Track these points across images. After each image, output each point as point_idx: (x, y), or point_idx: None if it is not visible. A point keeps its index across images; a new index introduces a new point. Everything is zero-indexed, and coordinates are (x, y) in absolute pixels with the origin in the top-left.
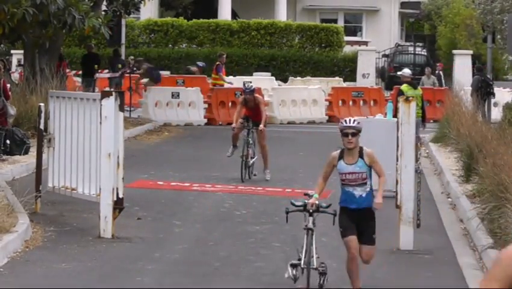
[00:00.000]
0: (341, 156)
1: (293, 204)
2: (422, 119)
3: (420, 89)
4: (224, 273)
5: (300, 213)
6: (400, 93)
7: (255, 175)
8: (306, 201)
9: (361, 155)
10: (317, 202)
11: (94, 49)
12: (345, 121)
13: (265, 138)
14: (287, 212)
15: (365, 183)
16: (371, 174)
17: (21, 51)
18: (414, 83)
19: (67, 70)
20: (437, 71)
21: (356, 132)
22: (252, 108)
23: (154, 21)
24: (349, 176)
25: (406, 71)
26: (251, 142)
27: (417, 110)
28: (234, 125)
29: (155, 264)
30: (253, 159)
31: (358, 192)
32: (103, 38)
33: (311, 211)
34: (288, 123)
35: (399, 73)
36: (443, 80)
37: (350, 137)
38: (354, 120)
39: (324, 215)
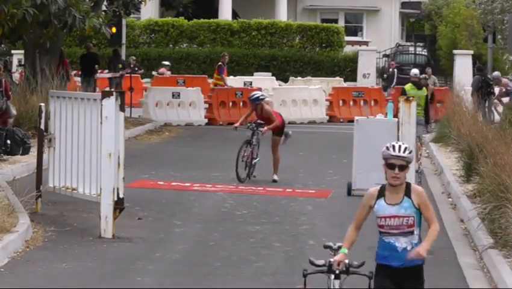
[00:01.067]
0: (381, 194)
1: (312, 263)
2: (426, 120)
3: (425, 90)
4: (225, 273)
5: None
6: (403, 91)
7: (254, 176)
8: (331, 260)
9: (407, 193)
10: (346, 261)
11: (93, 49)
12: (393, 148)
13: (277, 146)
14: (305, 276)
15: (412, 232)
16: (420, 220)
17: (22, 51)
18: (419, 83)
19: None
20: (390, 69)
21: (406, 164)
22: (260, 115)
23: (155, 21)
24: (390, 220)
25: (414, 71)
26: (254, 143)
27: (418, 110)
28: (236, 125)
29: (156, 264)
30: (256, 160)
31: (402, 244)
32: (104, 38)
33: (337, 272)
34: (289, 123)
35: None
36: (395, 79)
37: (397, 171)
38: (406, 148)
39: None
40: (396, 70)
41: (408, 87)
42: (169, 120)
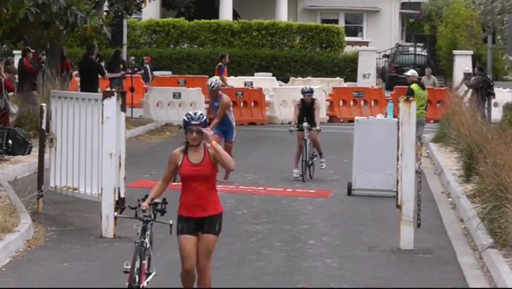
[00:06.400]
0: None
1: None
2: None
3: (426, 90)
4: (225, 273)
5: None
6: (410, 91)
7: None
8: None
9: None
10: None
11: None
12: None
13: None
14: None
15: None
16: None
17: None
18: (422, 83)
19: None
20: (144, 65)
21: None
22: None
23: (156, 22)
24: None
25: (412, 72)
26: (148, 250)
27: (421, 110)
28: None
29: (156, 264)
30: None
31: None
32: (105, 39)
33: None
34: (289, 123)
35: (405, 73)
36: (150, 75)
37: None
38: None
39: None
40: (148, 65)
41: (415, 86)
42: (170, 120)
